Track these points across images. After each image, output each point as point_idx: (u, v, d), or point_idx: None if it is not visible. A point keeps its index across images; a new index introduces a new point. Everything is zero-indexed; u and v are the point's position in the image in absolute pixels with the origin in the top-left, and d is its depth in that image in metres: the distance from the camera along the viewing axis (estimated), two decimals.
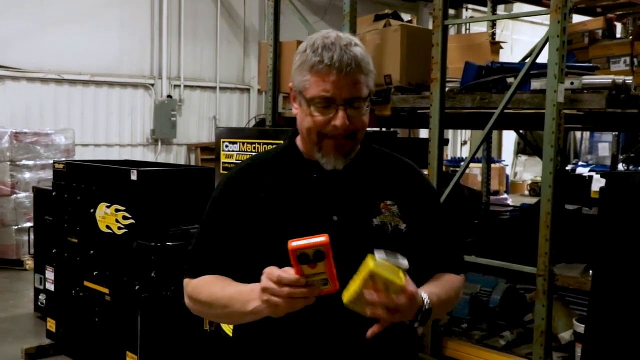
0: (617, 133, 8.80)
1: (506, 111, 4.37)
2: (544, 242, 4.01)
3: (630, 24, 8.80)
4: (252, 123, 11.15)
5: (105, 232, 4.40)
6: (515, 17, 5.68)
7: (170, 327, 4.29)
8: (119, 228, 4.26)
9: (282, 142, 3.30)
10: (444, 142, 4.78)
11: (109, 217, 4.33)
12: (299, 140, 1.84)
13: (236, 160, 3.48)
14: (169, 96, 10.49)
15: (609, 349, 2.63)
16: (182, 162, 10.76)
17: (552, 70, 4.00)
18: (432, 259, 1.87)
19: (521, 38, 14.93)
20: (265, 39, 11.43)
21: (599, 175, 9.82)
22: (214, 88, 11.13)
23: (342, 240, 1.69)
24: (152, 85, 10.42)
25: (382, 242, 1.71)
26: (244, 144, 3.44)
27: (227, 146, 3.51)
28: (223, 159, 3.55)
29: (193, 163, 10.76)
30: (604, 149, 13.52)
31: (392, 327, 1.67)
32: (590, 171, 12.23)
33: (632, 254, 2.60)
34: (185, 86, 10.76)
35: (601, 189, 2.85)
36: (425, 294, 1.66)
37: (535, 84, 4.43)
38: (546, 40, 4.10)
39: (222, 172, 3.56)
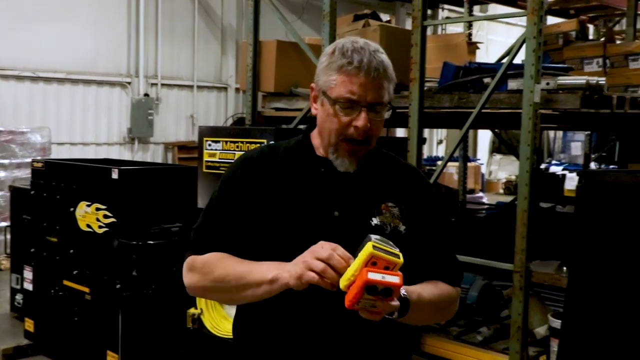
0: (589, 132, 8.95)
1: (483, 110, 4.44)
2: (520, 239, 4.09)
3: (601, 25, 8.98)
4: (230, 121, 11.14)
5: (86, 231, 4.39)
6: (492, 18, 5.76)
7: (151, 325, 4.30)
8: (100, 227, 4.26)
9: (264, 140, 3.35)
10: (422, 141, 4.84)
11: (89, 216, 4.32)
12: (313, 136, 1.89)
13: (219, 158, 3.50)
14: (146, 94, 10.44)
15: (585, 343, 2.70)
16: (159, 160, 10.70)
17: (528, 70, 4.07)
18: (428, 265, 1.89)
19: (496, 38, 15.11)
20: (243, 37, 11.48)
21: (572, 174, 10.02)
22: (191, 86, 11.09)
23: (340, 235, 1.73)
24: (129, 83, 10.36)
25: None
26: (226, 142, 3.46)
27: (209, 145, 3.53)
28: (206, 158, 3.56)
29: (170, 161, 10.72)
30: (576, 148, 13.73)
31: (385, 327, 1.70)
32: (563, 169, 12.40)
33: (607, 250, 2.67)
34: (162, 84, 10.71)
35: (577, 187, 2.92)
36: (404, 289, 1.68)
37: (512, 84, 4.51)
38: (523, 41, 4.18)
39: (204, 170, 3.58)
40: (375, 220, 1.80)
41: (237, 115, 11.33)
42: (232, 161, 3.43)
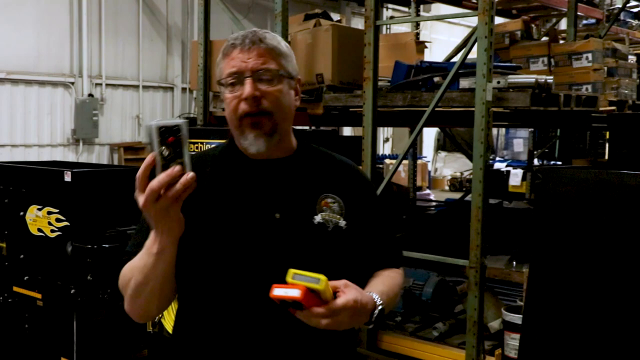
0: (532, 129, 9.19)
1: (436, 109, 4.50)
2: (475, 235, 4.16)
3: (541, 25, 9.24)
4: None
5: (37, 235, 4.28)
6: (442, 18, 5.86)
7: (108, 330, 4.23)
8: (52, 231, 4.16)
9: (225, 141, 3.31)
10: (376, 140, 4.89)
11: (41, 220, 4.21)
12: (237, 141, 1.82)
13: None
14: (90, 95, 10.22)
15: (546, 338, 2.78)
16: (105, 161, 10.50)
17: (480, 69, 4.15)
18: (372, 254, 1.89)
19: (439, 37, 15.33)
20: (188, 37, 11.37)
21: (516, 170, 10.23)
22: (137, 86, 10.91)
23: (283, 237, 1.73)
24: (72, 83, 10.12)
25: (322, 240, 1.76)
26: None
27: None
28: None
29: (116, 163, 10.52)
30: (519, 145, 14.06)
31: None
32: (506, 166, 12.68)
33: (567, 245, 2.75)
34: (107, 84, 10.51)
35: (537, 183, 3.00)
36: (376, 294, 1.69)
37: (464, 83, 4.60)
38: (474, 41, 4.26)
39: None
40: (317, 219, 1.77)
41: (184, 115, 11.22)
42: None
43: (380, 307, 1.65)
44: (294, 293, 1.50)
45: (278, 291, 1.52)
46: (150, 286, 1.65)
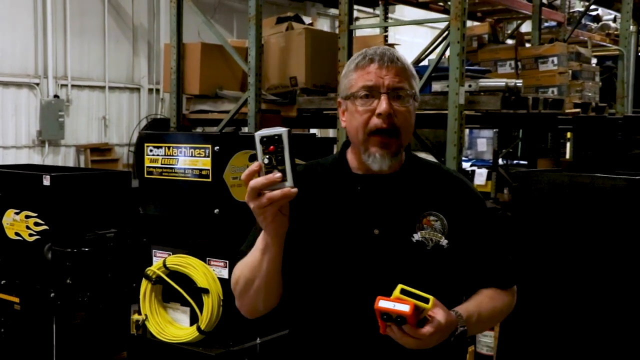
0: (497, 130, 9.38)
1: None
2: None
3: (505, 28, 9.44)
4: (144, 123, 10.94)
5: (14, 239, 4.25)
6: (417, 23, 5.97)
7: (87, 332, 4.24)
8: (30, 234, 4.14)
9: (209, 146, 3.36)
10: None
11: (19, 224, 4.19)
12: (349, 153, 1.85)
13: (161, 164, 3.46)
14: (56, 96, 10.10)
15: (523, 338, 2.88)
16: (71, 163, 10.37)
17: (453, 73, 4.27)
18: (477, 273, 1.85)
19: (403, 38, 15.49)
20: (154, 38, 11.30)
21: (481, 169, 10.33)
22: (103, 87, 10.81)
23: (381, 254, 1.74)
24: (37, 84, 9.99)
25: (420, 258, 1.75)
26: (169, 147, 3.43)
27: (151, 150, 3.48)
28: (147, 163, 3.51)
29: (82, 164, 10.40)
30: (482, 144, 14.28)
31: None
32: (471, 166, 12.88)
33: (543, 245, 2.86)
34: (73, 85, 10.37)
35: (513, 187, 3.11)
36: (462, 314, 1.68)
37: (436, 86, 4.72)
38: (446, 45, 4.38)
39: (146, 175, 3.54)
40: (416, 237, 1.76)
41: (150, 117, 11.16)
42: (176, 166, 3.43)
43: (461, 329, 1.65)
44: (403, 308, 1.51)
45: (385, 303, 1.53)
46: (256, 283, 1.75)
